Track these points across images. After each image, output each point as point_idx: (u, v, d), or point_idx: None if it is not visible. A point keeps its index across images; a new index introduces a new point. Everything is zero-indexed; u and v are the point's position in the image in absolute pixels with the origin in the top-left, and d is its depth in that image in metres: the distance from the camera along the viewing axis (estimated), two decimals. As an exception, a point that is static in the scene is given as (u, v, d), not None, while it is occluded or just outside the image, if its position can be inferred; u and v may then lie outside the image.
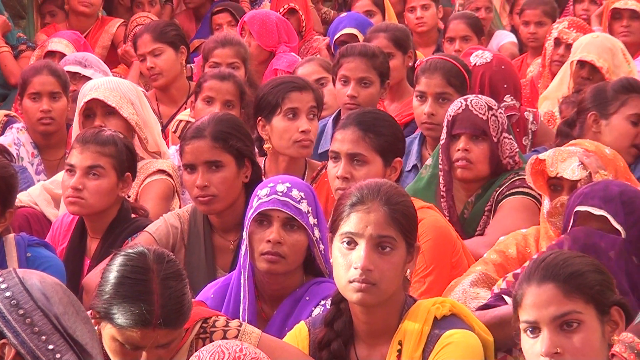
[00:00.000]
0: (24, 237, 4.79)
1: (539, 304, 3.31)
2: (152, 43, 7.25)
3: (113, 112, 5.69)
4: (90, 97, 5.71)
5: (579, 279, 3.32)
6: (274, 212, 4.16)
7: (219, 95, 6.11)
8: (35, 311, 3.15)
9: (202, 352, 3.25)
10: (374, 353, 3.80)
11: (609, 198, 3.91)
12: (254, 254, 4.17)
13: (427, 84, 5.89)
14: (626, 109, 5.60)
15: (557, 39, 7.36)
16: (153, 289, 3.56)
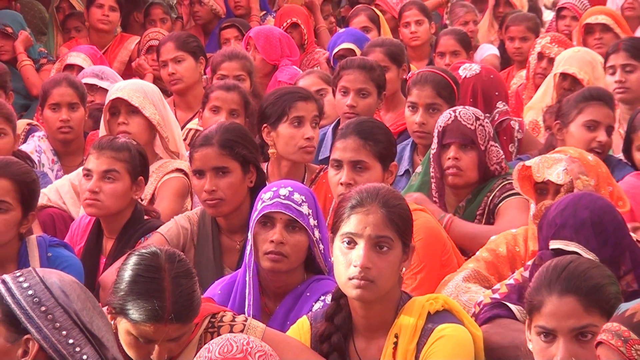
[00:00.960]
0: (45, 237, 4.79)
1: (559, 315, 3.27)
2: (175, 51, 7.23)
3: (136, 111, 5.71)
4: (115, 96, 5.74)
5: (599, 294, 3.29)
6: (277, 214, 4.15)
7: (224, 105, 6.10)
8: (56, 308, 3.15)
9: (211, 345, 3.26)
10: (372, 346, 3.79)
11: (579, 224, 3.87)
12: (258, 254, 4.16)
13: (418, 95, 5.88)
14: (582, 116, 5.61)
15: (540, 53, 7.37)
16: (165, 286, 3.57)
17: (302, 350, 3.81)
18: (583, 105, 5.61)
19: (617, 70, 6.35)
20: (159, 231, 4.80)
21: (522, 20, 8.48)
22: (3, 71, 7.27)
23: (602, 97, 5.67)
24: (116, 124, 5.72)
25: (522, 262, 4.34)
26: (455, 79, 6.03)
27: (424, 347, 3.68)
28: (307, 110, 5.39)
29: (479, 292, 4.25)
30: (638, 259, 3.94)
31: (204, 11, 9.71)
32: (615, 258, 3.87)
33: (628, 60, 6.35)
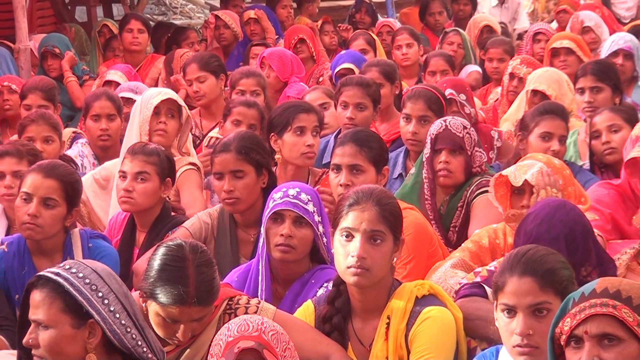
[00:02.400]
0: (87, 230, 4.79)
1: (519, 294, 3.29)
2: (198, 71, 7.18)
3: (174, 116, 5.72)
4: (167, 97, 5.74)
5: (553, 276, 3.32)
6: (286, 211, 4.15)
7: (245, 119, 6.08)
8: (110, 293, 3.18)
9: (230, 325, 3.27)
10: (367, 326, 3.80)
11: (553, 238, 3.86)
12: (270, 246, 4.16)
13: (412, 108, 5.86)
14: (538, 129, 5.58)
15: (511, 73, 7.37)
16: (189, 274, 3.58)
17: (308, 329, 3.81)
18: (539, 119, 5.59)
19: (585, 92, 6.34)
20: (184, 226, 4.80)
21: (500, 44, 8.48)
22: (52, 86, 7.27)
23: (555, 111, 5.65)
24: (157, 122, 5.70)
25: (502, 252, 4.33)
26: (444, 95, 6.03)
27: (413, 326, 3.69)
28: (308, 121, 5.37)
29: (465, 277, 4.23)
30: (601, 258, 3.97)
31: (228, 34, 9.71)
32: (583, 261, 3.89)
33: (595, 83, 6.34)
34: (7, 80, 7.66)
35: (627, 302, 2.85)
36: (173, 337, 3.65)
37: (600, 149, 5.54)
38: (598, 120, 5.59)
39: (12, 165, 5.14)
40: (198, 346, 3.70)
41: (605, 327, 2.85)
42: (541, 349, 3.21)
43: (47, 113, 6.21)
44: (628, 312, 2.83)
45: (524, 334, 3.24)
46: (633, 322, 2.82)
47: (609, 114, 5.58)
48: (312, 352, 3.72)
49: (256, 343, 3.16)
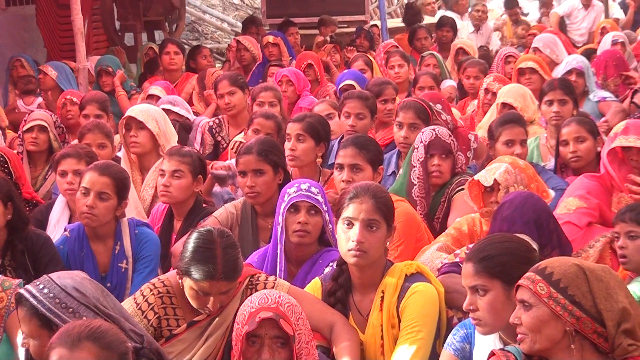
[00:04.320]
0: (134, 219, 4.78)
1: (464, 277, 3.36)
2: (229, 86, 7.14)
3: (143, 127, 5.62)
4: (128, 115, 5.68)
5: (486, 262, 3.31)
6: (301, 202, 4.14)
7: (263, 129, 6.00)
8: (80, 306, 3.05)
9: (252, 298, 3.26)
10: (365, 299, 3.80)
11: (525, 222, 3.88)
12: (288, 232, 4.14)
13: (403, 117, 5.81)
14: (502, 137, 5.55)
15: (486, 89, 7.33)
16: (217, 254, 3.59)
17: (316, 302, 3.81)
18: (502, 129, 5.56)
19: (554, 103, 6.30)
20: (214, 215, 4.79)
21: (476, 64, 8.44)
22: (105, 99, 7.25)
23: (514, 120, 5.62)
24: (129, 136, 5.65)
25: (479, 238, 4.31)
26: (430, 106, 6.00)
27: (403, 299, 3.69)
28: (292, 129, 5.35)
29: (447, 258, 4.23)
30: (561, 241, 3.96)
31: (248, 55, 9.71)
32: (547, 242, 3.89)
33: (562, 96, 6.30)
34: (69, 94, 7.66)
35: (547, 277, 2.90)
36: (205, 308, 3.66)
37: (568, 157, 5.50)
38: (566, 131, 5.51)
39: (73, 165, 5.13)
40: (225, 315, 3.70)
41: (523, 295, 2.95)
42: (484, 321, 3.29)
43: (101, 123, 6.18)
44: (543, 285, 2.89)
45: (466, 307, 3.31)
46: (544, 294, 2.88)
47: (576, 126, 5.49)
48: (319, 320, 3.72)
49: (274, 314, 3.14)
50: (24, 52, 9.88)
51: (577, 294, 2.84)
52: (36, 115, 6.38)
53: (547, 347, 2.90)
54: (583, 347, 2.87)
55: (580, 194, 4.81)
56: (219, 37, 16.47)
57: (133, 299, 3.80)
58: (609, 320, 2.82)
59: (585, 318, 2.83)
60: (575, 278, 2.86)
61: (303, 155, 5.32)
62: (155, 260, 4.59)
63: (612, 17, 13.26)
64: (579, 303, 2.84)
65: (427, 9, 14.39)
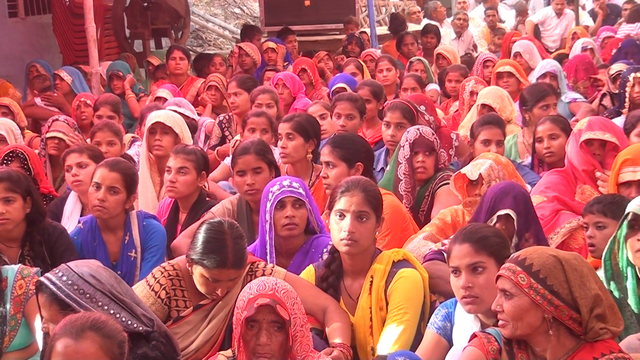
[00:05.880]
0: (142, 212, 4.76)
1: (459, 256, 3.33)
2: (236, 87, 7.19)
3: (168, 132, 5.61)
4: (155, 120, 5.65)
5: (484, 242, 3.34)
6: (287, 198, 4.12)
7: (258, 126, 6.01)
8: (96, 292, 3.08)
9: (251, 284, 3.24)
10: (355, 284, 3.80)
11: (512, 199, 3.91)
12: (277, 227, 4.11)
13: (391, 117, 5.81)
14: (480, 136, 5.55)
15: (471, 91, 7.31)
16: (228, 244, 3.59)
17: (310, 287, 3.81)
18: (480, 129, 5.56)
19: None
20: (211, 211, 4.74)
21: (457, 69, 8.42)
22: (117, 101, 7.28)
23: (491, 122, 5.61)
24: (154, 139, 5.63)
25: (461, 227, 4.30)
26: (415, 107, 6.00)
27: (390, 284, 3.69)
28: (282, 129, 5.36)
29: (432, 246, 4.22)
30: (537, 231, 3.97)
31: (248, 61, 9.69)
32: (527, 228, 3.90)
33: (553, 100, 6.35)
34: (84, 97, 7.65)
35: (527, 268, 2.90)
36: (213, 293, 3.66)
37: (542, 152, 5.50)
38: (541, 129, 5.51)
39: (76, 158, 5.15)
40: (227, 300, 3.69)
41: (505, 285, 2.95)
42: (480, 298, 3.28)
43: (110, 122, 6.19)
44: (523, 276, 2.89)
45: (464, 286, 3.28)
46: (525, 284, 2.88)
47: (550, 124, 5.49)
48: (313, 304, 3.72)
49: (271, 300, 3.13)
50: (41, 58, 9.90)
51: (555, 283, 2.85)
52: (57, 126, 6.29)
53: (527, 333, 2.92)
54: (559, 332, 2.88)
55: (541, 190, 4.87)
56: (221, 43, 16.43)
57: (145, 281, 3.79)
58: (583, 307, 2.84)
59: (563, 306, 2.84)
60: (553, 269, 2.87)
61: (294, 152, 5.31)
62: (162, 250, 4.57)
63: (582, 24, 13.29)
64: (557, 292, 2.85)
65: (412, 17, 14.40)
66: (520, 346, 2.96)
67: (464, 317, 3.39)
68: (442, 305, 3.55)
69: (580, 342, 2.88)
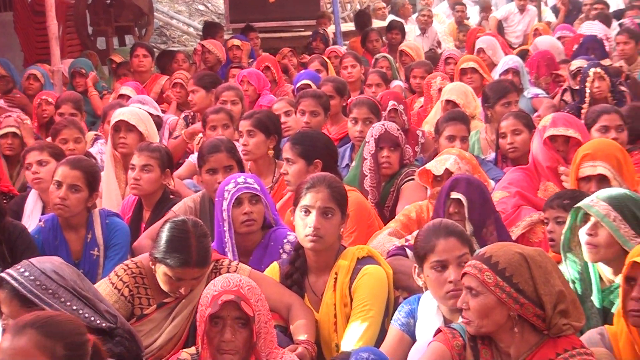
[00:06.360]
0: (105, 210, 4.72)
1: (448, 250, 3.32)
2: (193, 85, 7.18)
3: (132, 130, 5.55)
4: (119, 118, 5.58)
5: (465, 235, 3.41)
6: (243, 195, 4.09)
7: (219, 123, 5.99)
8: (59, 288, 3.06)
9: (215, 281, 3.23)
10: (320, 280, 3.79)
11: (470, 194, 3.96)
12: (236, 225, 4.08)
13: (358, 113, 5.83)
14: (445, 132, 5.55)
15: (439, 88, 7.32)
16: (192, 243, 3.56)
17: (275, 284, 3.80)
18: (445, 125, 5.57)
19: (512, 104, 6.30)
20: (173, 209, 4.71)
21: (422, 65, 8.45)
22: (79, 99, 7.23)
23: (456, 118, 5.62)
24: (118, 137, 5.56)
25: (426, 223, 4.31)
26: (379, 103, 6.02)
27: (355, 280, 3.68)
28: (243, 126, 5.36)
29: (398, 242, 4.23)
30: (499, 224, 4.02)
31: (212, 58, 9.64)
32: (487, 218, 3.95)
33: (515, 97, 6.41)
34: (45, 95, 7.60)
35: (493, 266, 2.90)
36: (176, 292, 3.64)
37: (506, 148, 5.53)
38: (504, 125, 5.53)
39: (36, 156, 5.11)
40: (191, 297, 3.67)
41: (471, 283, 2.95)
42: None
43: (75, 120, 6.15)
44: (490, 274, 2.89)
45: (456, 280, 3.25)
46: (491, 282, 2.88)
47: (513, 120, 5.52)
48: (277, 301, 3.70)
49: (235, 296, 3.12)
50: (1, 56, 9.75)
51: (520, 281, 2.86)
52: (9, 122, 6.31)
53: (492, 330, 2.93)
54: (523, 328, 2.90)
55: (504, 186, 4.90)
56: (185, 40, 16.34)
57: (108, 279, 3.76)
58: (547, 304, 2.86)
59: (528, 304, 2.86)
60: (519, 266, 2.88)
61: (255, 149, 5.30)
62: (125, 248, 4.53)
63: (544, 20, 13.40)
64: (522, 290, 2.86)
65: (378, 13, 14.43)
66: (485, 342, 2.97)
67: (428, 313, 3.40)
68: (406, 302, 3.55)
69: (543, 337, 2.90)
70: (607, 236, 3.34)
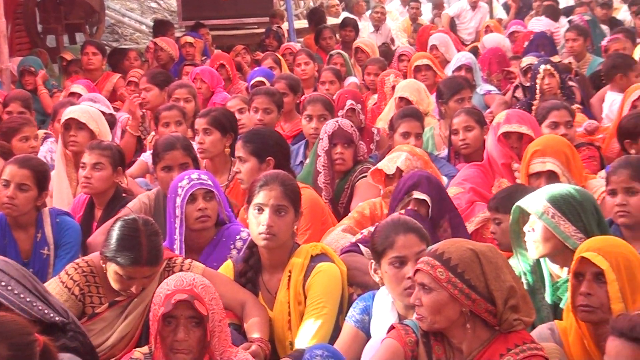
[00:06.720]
0: (55, 209, 4.67)
1: (407, 246, 3.33)
2: (146, 83, 7.10)
3: (83, 128, 5.48)
4: (70, 116, 5.50)
5: (422, 231, 3.40)
6: (197, 191, 4.08)
7: (171, 119, 5.97)
8: (11, 280, 3.07)
9: (168, 280, 3.21)
10: (274, 278, 3.78)
11: (427, 184, 4.01)
12: (189, 221, 4.07)
13: (312, 110, 5.83)
14: (400, 129, 5.57)
15: (393, 86, 7.34)
16: (142, 242, 3.54)
17: (228, 282, 3.78)
18: (400, 122, 5.58)
19: (465, 101, 6.34)
20: (127, 206, 4.68)
21: (376, 62, 8.48)
22: (28, 97, 7.15)
23: (411, 115, 5.64)
24: (69, 135, 5.49)
25: (379, 220, 4.33)
26: (334, 100, 6.02)
27: (309, 278, 3.69)
28: (198, 124, 5.30)
29: (352, 239, 4.24)
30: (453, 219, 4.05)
31: (164, 55, 9.57)
32: (443, 214, 4.00)
33: (469, 93, 6.45)
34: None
35: (445, 263, 2.92)
36: (128, 291, 3.61)
37: (458, 144, 5.57)
38: (456, 121, 5.57)
39: None
40: (143, 296, 3.65)
41: (424, 279, 2.96)
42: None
43: (30, 117, 6.07)
44: (442, 271, 2.91)
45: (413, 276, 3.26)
46: (444, 279, 2.90)
47: (465, 117, 5.55)
48: (231, 299, 3.69)
49: (189, 295, 3.09)
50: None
51: (472, 277, 2.89)
52: None
53: (444, 326, 2.94)
54: (475, 324, 2.92)
55: (458, 182, 4.95)
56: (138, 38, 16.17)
57: (58, 278, 3.73)
58: (498, 299, 2.88)
59: (480, 299, 2.88)
60: (471, 262, 2.90)
61: (211, 147, 5.27)
62: (76, 247, 4.48)
63: (496, 17, 13.54)
64: (474, 286, 2.88)
65: (331, 10, 14.44)
66: (437, 338, 2.99)
67: (382, 310, 3.41)
68: (360, 299, 3.56)
69: (494, 333, 2.92)
70: (544, 232, 3.37)
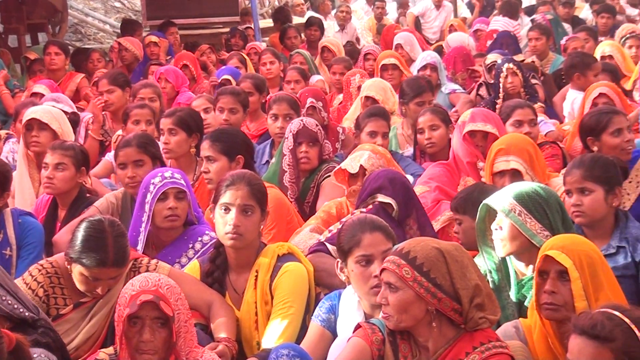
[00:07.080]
0: (17, 209, 4.61)
1: (374, 244, 3.35)
2: (107, 85, 7.00)
3: (45, 128, 5.43)
4: (31, 117, 5.45)
5: (388, 230, 3.42)
6: (169, 189, 4.08)
7: (142, 118, 5.96)
8: None
9: (133, 281, 3.19)
10: (241, 278, 3.78)
11: (392, 185, 4.01)
12: (156, 219, 4.06)
13: (278, 109, 5.82)
14: (366, 128, 5.57)
15: (359, 86, 7.35)
16: (108, 243, 3.51)
17: (195, 282, 3.78)
18: (367, 121, 5.58)
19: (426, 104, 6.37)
20: (94, 205, 4.66)
21: (341, 61, 8.48)
22: None
23: (377, 114, 5.65)
24: (31, 136, 5.44)
25: (346, 219, 4.36)
26: (298, 99, 6.01)
27: (275, 278, 3.69)
28: (164, 124, 5.27)
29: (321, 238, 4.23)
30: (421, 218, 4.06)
31: (128, 55, 9.51)
32: (409, 213, 4.01)
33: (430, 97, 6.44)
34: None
35: (411, 261, 2.93)
36: (93, 292, 3.59)
37: (424, 143, 5.59)
38: (422, 120, 5.59)
39: None
40: (109, 297, 3.63)
41: (390, 278, 2.97)
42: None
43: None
44: (408, 270, 2.92)
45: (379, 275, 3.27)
46: (409, 278, 2.92)
47: (430, 115, 5.57)
48: (198, 299, 3.69)
49: (154, 296, 3.08)
50: None
51: (438, 276, 2.90)
52: None
53: (411, 325, 2.95)
54: (441, 323, 2.94)
55: (424, 181, 4.97)
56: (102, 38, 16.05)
57: (22, 279, 3.70)
58: (464, 298, 2.90)
59: (445, 298, 2.90)
60: (436, 261, 2.91)
61: (177, 148, 5.25)
62: (39, 247, 4.44)
63: (460, 16, 13.62)
64: (439, 285, 2.89)
65: (297, 9, 14.44)
66: (404, 336, 3.00)
67: (349, 309, 3.42)
68: (327, 298, 3.57)
69: (460, 331, 2.94)
70: (511, 230, 3.40)
